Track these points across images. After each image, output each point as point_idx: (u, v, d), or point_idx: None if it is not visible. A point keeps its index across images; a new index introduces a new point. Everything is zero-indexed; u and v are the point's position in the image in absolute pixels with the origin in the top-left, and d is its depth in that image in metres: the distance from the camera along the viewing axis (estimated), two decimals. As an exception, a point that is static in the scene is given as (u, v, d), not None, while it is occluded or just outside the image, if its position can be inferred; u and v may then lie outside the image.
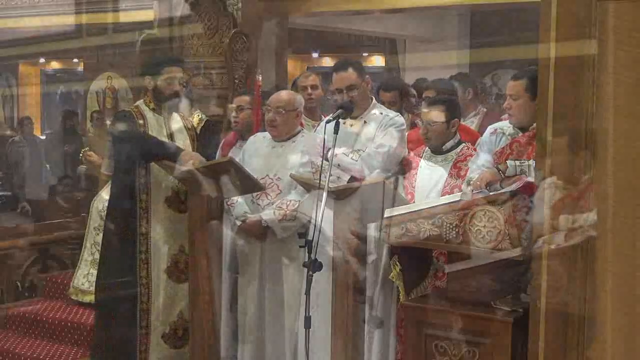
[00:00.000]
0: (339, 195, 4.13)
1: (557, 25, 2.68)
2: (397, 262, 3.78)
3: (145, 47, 6.95)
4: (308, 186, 4.38)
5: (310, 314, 3.56)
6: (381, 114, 4.66)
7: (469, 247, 3.46)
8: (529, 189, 3.46)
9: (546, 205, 3.04)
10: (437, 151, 4.42)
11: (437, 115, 4.31)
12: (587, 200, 2.87)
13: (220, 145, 5.33)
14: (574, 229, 2.91)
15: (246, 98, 5.27)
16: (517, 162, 3.87)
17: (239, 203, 4.63)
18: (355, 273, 3.99)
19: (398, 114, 4.83)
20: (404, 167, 4.50)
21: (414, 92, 5.78)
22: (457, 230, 3.48)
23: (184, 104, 4.96)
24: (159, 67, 4.78)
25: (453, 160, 4.38)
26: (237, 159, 4.67)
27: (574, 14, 2.67)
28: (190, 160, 4.54)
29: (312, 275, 3.56)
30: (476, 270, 3.46)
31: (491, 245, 3.43)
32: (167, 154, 4.60)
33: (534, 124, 3.80)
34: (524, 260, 3.26)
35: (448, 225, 3.48)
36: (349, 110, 4.29)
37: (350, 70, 4.62)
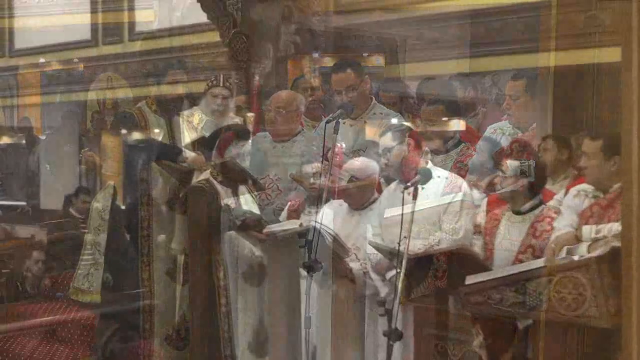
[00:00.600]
0: (359, 207, 4.12)
1: (557, 27, 2.68)
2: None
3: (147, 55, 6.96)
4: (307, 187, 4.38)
5: (310, 314, 3.57)
6: (381, 114, 4.66)
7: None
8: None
9: (572, 214, 3.01)
10: (437, 152, 4.41)
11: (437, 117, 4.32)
12: (616, 209, 2.83)
13: (217, 144, 5.32)
14: (597, 239, 2.88)
15: (242, 97, 5.28)
16: (517, 162, 3.86)
17: (239, 203, 4.63)
18: (375, 287, 3.95)
19: (398, 114, 4.83)
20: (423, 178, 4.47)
21: (414, 93, 5.77)
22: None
23: (185, 105, 4.98)
24: (163, 71, 4.81)
25: (453, 160, 4.38)
26: (236, 159, 4.67)
27: (574, 14, 2.67)
28: (195, 162, 4.55)
29: (312, 276, 3.56)
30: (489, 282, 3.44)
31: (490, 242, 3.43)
32: (168, 155, 4.61)
33: (534, 124, 3.80)
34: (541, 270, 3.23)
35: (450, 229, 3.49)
36: (349, 110, 4.29)
37: (349, 71, 4.61)
